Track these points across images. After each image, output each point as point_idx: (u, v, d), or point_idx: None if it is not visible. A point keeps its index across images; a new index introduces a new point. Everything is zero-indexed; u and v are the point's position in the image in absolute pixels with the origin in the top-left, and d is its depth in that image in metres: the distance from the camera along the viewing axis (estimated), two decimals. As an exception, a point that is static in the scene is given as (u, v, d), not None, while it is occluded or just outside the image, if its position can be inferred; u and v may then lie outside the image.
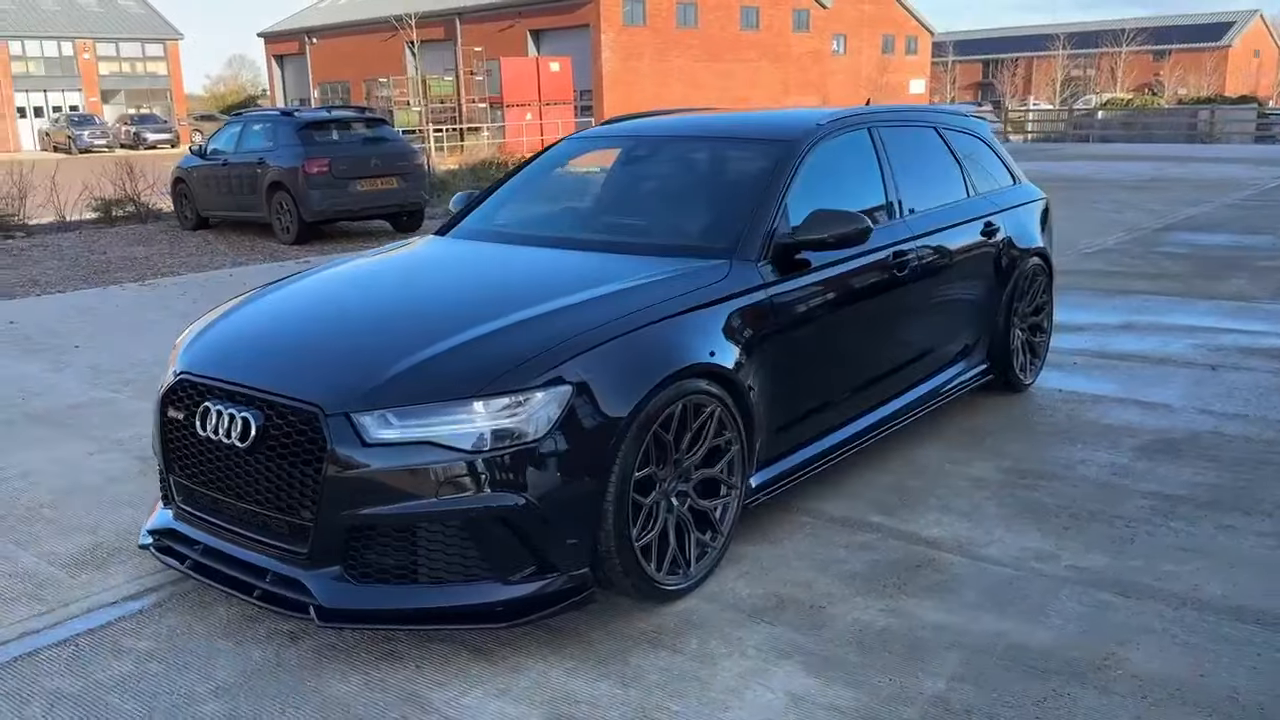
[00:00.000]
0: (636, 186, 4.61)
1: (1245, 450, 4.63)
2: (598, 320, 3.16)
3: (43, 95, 53.86)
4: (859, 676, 2.88)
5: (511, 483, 2.86)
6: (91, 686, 2.86)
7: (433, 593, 2.91)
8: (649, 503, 3.17)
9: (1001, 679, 2.86)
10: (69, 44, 54.50)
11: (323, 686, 2.86)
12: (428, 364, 2.98)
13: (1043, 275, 5.60)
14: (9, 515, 4.06)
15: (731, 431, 3.44)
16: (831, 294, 4.00)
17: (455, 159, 25.50)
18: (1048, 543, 3.72)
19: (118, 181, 15.67)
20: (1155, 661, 2.94)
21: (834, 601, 3.31)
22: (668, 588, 3.25)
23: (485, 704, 2.77)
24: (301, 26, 54.26)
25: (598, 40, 40.33)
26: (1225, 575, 3.45)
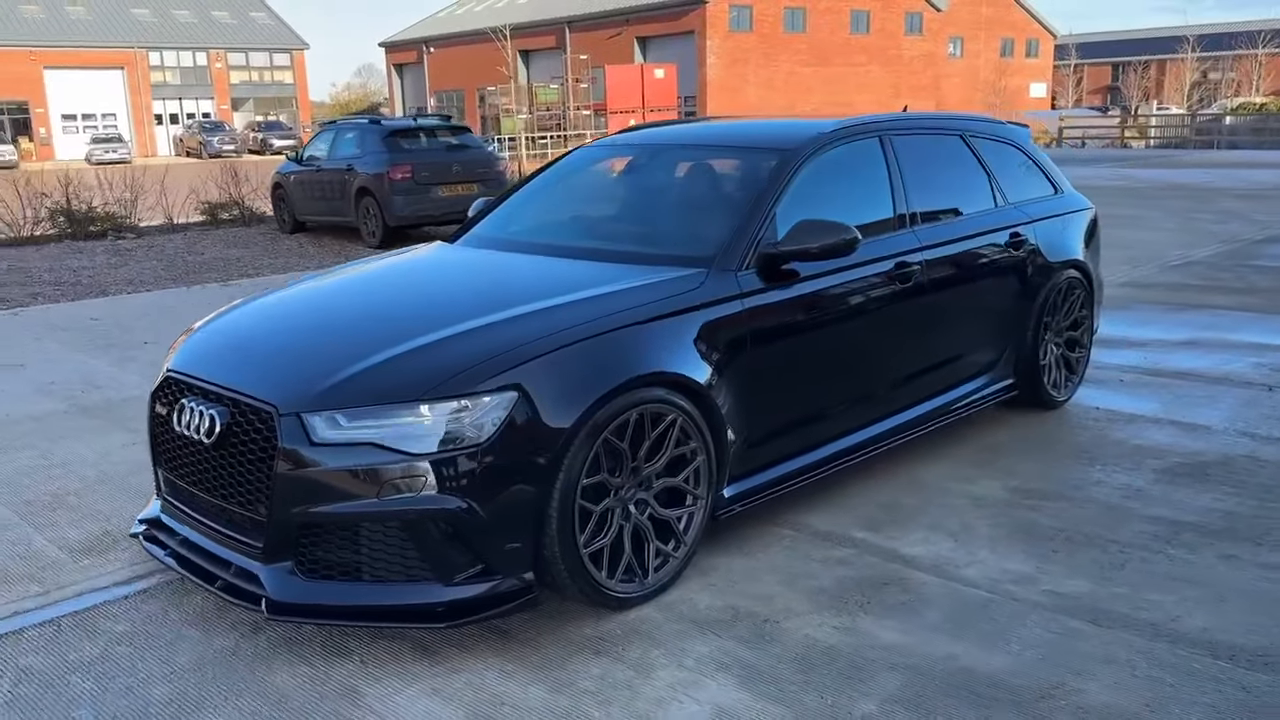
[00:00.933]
0: (635, 195, 4.63)
1: (1277, 477, 4.38)
2: (553, 328, 3.20)
3: (178, 103, 56.78)
4: (791, 693, 2.85)
5: (453, 486, 2.92)
6: (59, 665, 3.04)
7: (376, 591, 2.99)
8: (600, 509, 3.19)
9: (937, 704, 2.79)
10: (203, 54, 57.31)
11: (270, 676, 2.97)
12: (379, 367, 3.07)
13: (1081, 289, 5.40)
14: (36, 501, 4.32)
15: (696, 441, 3.44)
16: (819, 306, 3.96)
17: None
18: (1030, 566, 3.60)
19: (223, 186, 16.42)
20: (1106, 694, 2.82)
21: (790, 616, 3.28)
22: (620, 595, 3.26)
23: (415, 702, 2.83)
24: (419, 36, 55.87)
25: (702, 46, 40.37)
26: (1212, 607, 3.29)
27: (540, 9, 49.45)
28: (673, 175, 4.55)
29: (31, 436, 5.20)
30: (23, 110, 52.53)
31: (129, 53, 55.02)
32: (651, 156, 4.73)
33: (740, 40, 41.41)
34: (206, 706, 2.82)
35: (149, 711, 2.80)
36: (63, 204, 14.84)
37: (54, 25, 53.87)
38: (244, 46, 58.71)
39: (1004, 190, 5.11)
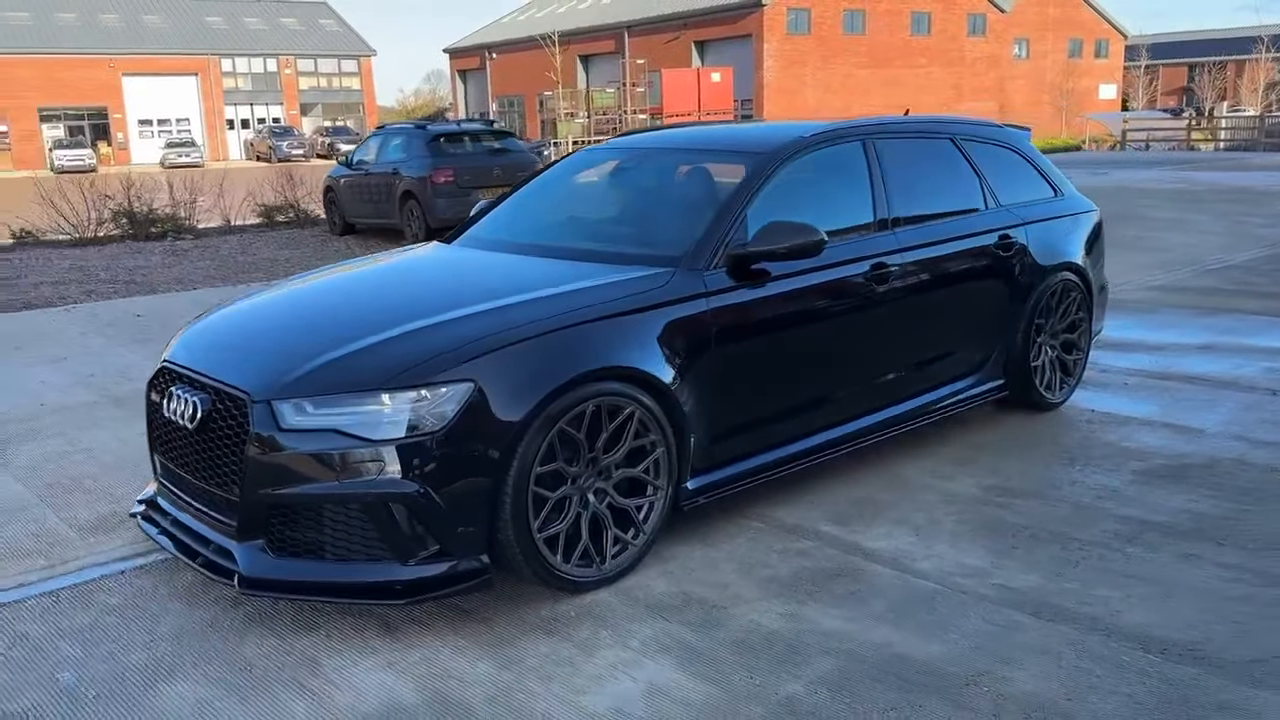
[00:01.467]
0: (618, 197, 4.79)
1: (1260, 480, 4.38)
2: (510, 323, 3.37)
3: (249, 108, 58.29)
4: (723, 674, 2.97)
5: (409, 471, 3.10)
6: (52, 632, 3.28)
7: (339, 569, 3.18)
8: (556, 496, 3.35)
9: (861, 687, 2.89)
10: (273, 60, 58.76)
11: (240, 647, 3.18)
12: (346, 358, 3.26)
13: (1077, 292, 5.41)
14: (57, 484, 4.61)
15: (656, 434, 3.57)
16: (789, 306, 4.06)
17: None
18: (987, 561, 3.67)
19: (278, 189, 16.94)
20: (1030, 682, 2.90)
21: (739, 603, 3.40)
22: (575, 579, 3.41)
23: (369, 674, 3.01)
24: (482, 43, 56.65)
25: (759, 49, 40.36)
26: (1157, 603, 3.33)
27: (600, 14, 49.84)
28: (655, 178, 4.70)
29: (63, 425, 5.52)
30: (102, 116, 54.37)
31: (202, 59, 56.65)
32: (639, 160, 4.88)
33: (798, 43, 41.30)
34: (177, 673, 3.03)
35: (125, 675, 3.02)
36: (125, 206, 15.45)
37: (131, 33, 55.68)
38: (312, 53, 60.06)
39: (996, 193, 5.16)
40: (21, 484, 4.61)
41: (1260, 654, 3.02)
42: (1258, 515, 4.02)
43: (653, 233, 4.25)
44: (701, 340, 3.75)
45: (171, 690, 2.94)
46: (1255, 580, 3.48)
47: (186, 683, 2.98)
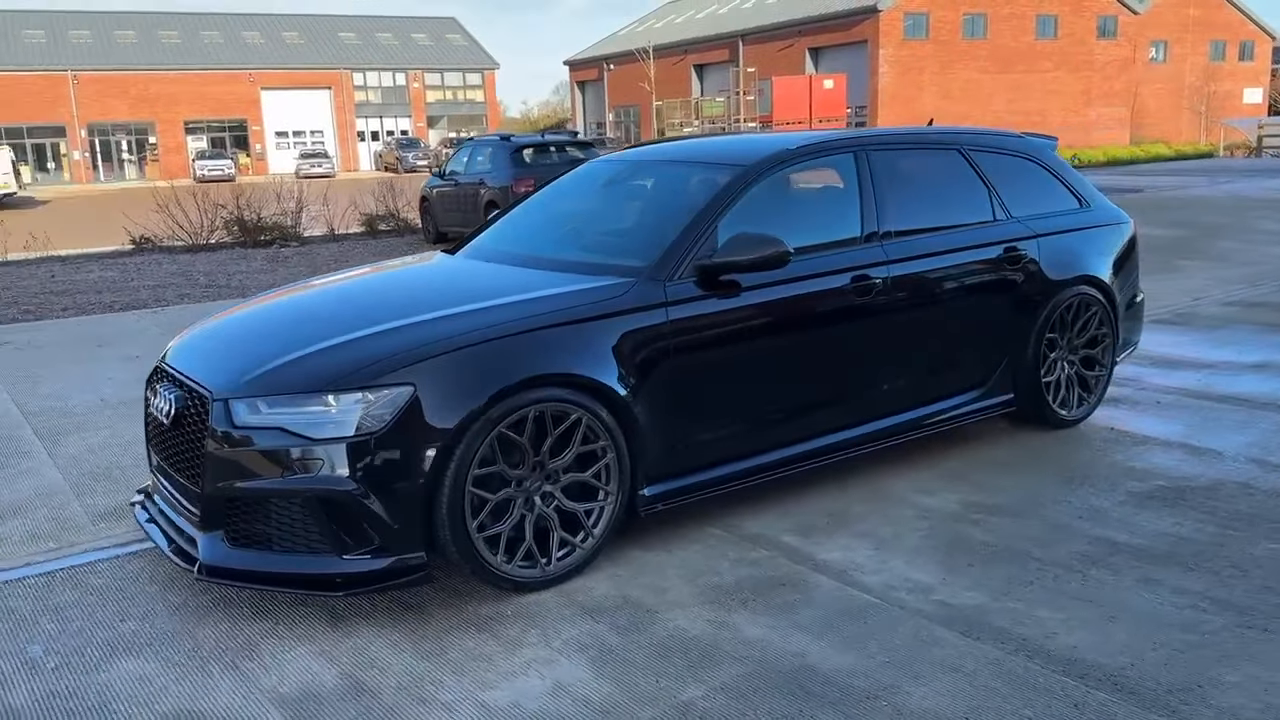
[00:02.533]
0: (606, 208, 4.89)
1: (1260, 505, 4.19)
2: (454, 331, 3.51)
3: (379, 120, 60.52)
4: (630, 676, 3.04)
5: (347, 469, 3.28)
6: (36, 609, 3.57)
7: (285, 560, 3.37)
8: (497, 498, 3.47)
9: (761, 695, 2.92)
10: (402, 75, 60.87)
11: (196, 629, 3.41)
12: (297, 361, 3.46)
13: (1098, 306, 5.24)
14: (90, 474, 4.97)
15: (605, 440, 3.66)
16: (757, 317, 4.09)
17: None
18: (937, 577, 3.63)
19: (380, 199, 17.61)
20: (932, 699, 2.88)
21: (672, 608, 3.45)
22: (517, 579, 3.53)
23: (299, 660, 3.19)
24: (600, 54, 57.44)
25: (875, 55, 39.78)
26: (1096, 627, 3.25)
27: (716, 24, 49.93)
28: (643, 189, 4.78)
29: (113, 418, 5.93)
30: (242, 128, 57.31)
31: (336, 73, 59.10)
32: (635, 172, 4.98)
33: (915, 48, 40.53)
34: (132, 650, 3.27)
35: (85, 650, 3.28)
36: (236, 214, 16.32)
37: (271, 49, 58.53)
38: (439, 67, 61.98)
39: (1006, 204, 5.06)
40: (60, 473, 4.99)
41: (1184, 683, 2.92)
42: (1240, 541, 3.85)
43: (629, 243, 4.34)
44: (659, 350, 3.82)
45: (122, 664, 3.18)
46: (1208, 607, 3.35)
47: (137, 659, 3.21)
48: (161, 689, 3.03)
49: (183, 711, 2.92)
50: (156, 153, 55.38)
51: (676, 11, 58.80)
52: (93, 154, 54.44)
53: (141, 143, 55.74)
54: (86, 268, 13.82)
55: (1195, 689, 2.89)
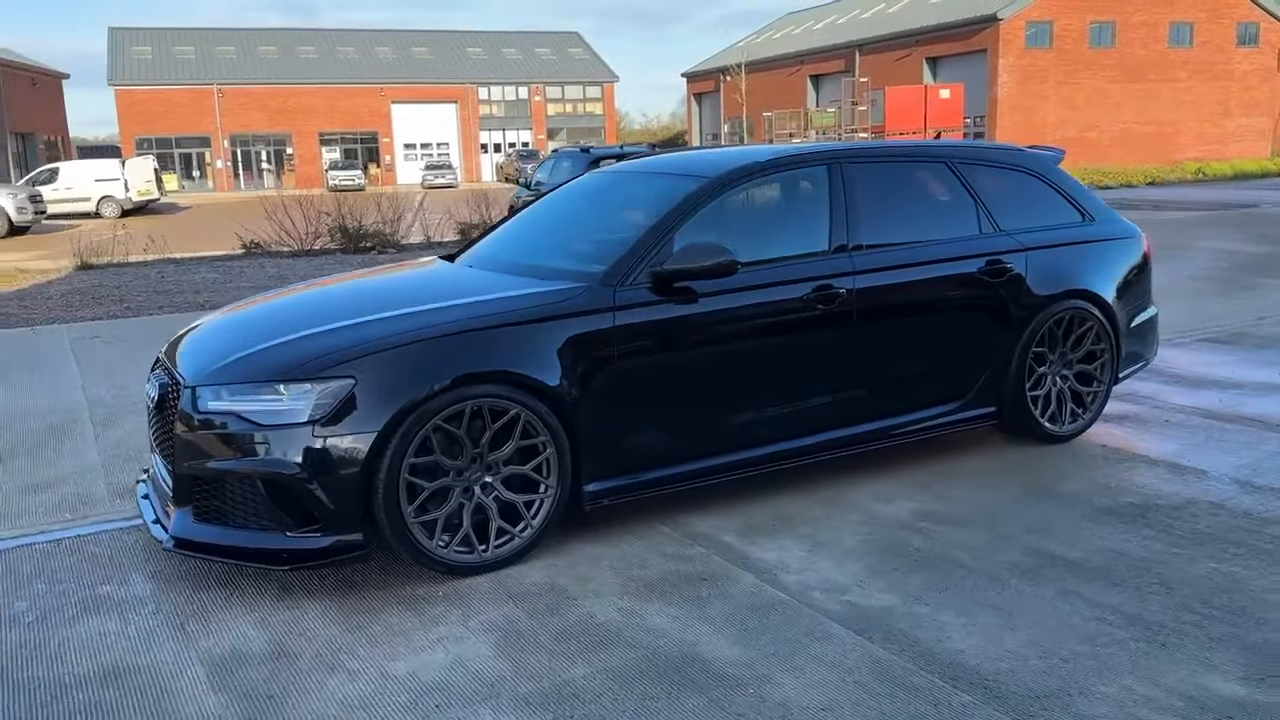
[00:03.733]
0: (585, 217, 5.08)
1: (1219, 526, 4.11)
2: (403, 329, 3.79)
3: (501, 133, 62.14)
4: (525, 655, 3.24)
5: (292, 454, 3.57)
6: (35, 572, 3.99)
7: (240, 535, 3.69)
8: (433, 486, 3.72)
9: (640, 679, 3.08)
10: (525, 88, 62.36)
11: (160, 595, 3.76)
12: (256, 354, 3.79)
13: (1094, 320, 5.17)
14: (122, 457, 5.43)
15: (545, 436, 3.87)
16: (710, 323, 4.23)
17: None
18: (855, 580, 3.72)
19: (474, 208, 18.23)
20: (797, 691, 2.99)
21: (591, 596, 3.64)
22: (452, 562, 3.77)
23: (238, 626, 3.49)
24: (716, 66, 57.66)
25: (994, 65, 38.85)
26: (991, 634, 3.29)
27: (833, 34, 49.58)
28: (622, 199, 4.97)
29: (163, 408, 6.43)
30: (372, 140, 59.66)
31: (462, 88, 60.97)
32: (618, 183, 5.17)
33: (1037, 58, 39.40)
34: (101, 610, 3.64)
35: (63, 608, 3.66)
36: (339, 223, 17.16)
37: (402, 64, 60.79)
38: (560, 80, 63.25)
39: (995, 217, 5.06)
40: (99, 454, 5.48)
41: (1055, 691, 2.95)
42: (1182, 559, 3.80)
43: (594, 250, 4.53)
44: (605, 353, 4.01)
45: (88, 622, 3.55)
46: (1116, 621, 3.35)
47: (101, 618, 3.57)
48: (111, 644, 3.38)
49: (120, 664, 3.25)
50: (293, 163, 58.09)
51: (796, 23, 58.63)
52: (234, 163, 57.50)
53: (279, 153, 58.57)
54: (196, 270, 14.76)
55: (1063, 697, 2.92)
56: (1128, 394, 6.08)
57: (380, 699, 3.01)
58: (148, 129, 55.10)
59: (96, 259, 15.70)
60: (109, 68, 55.42)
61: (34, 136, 47.47)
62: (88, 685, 3.13)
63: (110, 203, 33.38)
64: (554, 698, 2.99)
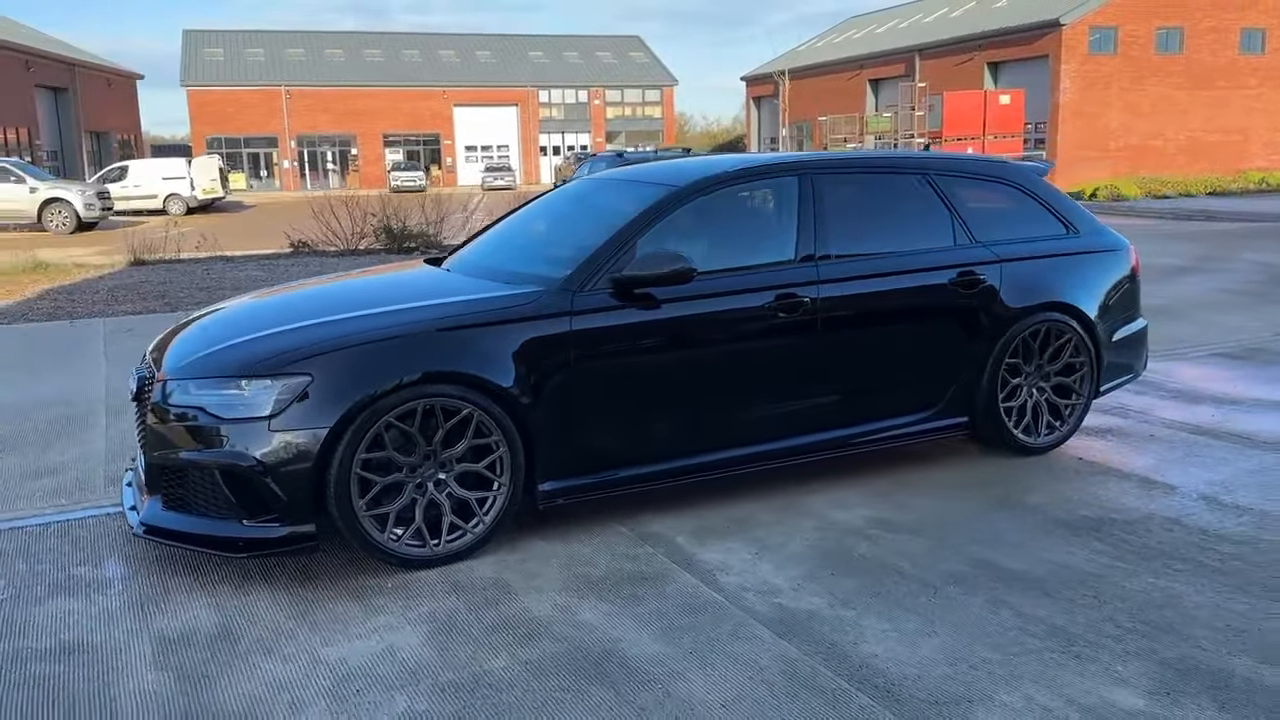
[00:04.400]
0: (560, 223, 5.20)
1: (1171, 541, 4.10)
2: (361, 329, 3.95)
3: (560, 136, 62.62)
4: (454, 646, 3.37)
5: (250, 446, 3.75)
6: (18, 552, 4.22)
7: (201, 523, 3.88)
8: (385, 481, 3.87)
9: (556, 671, 3.19)
10: (584, 92, 62.79)
11: (129, 578, 3.95)
12: (223, 350, 3.98)
13: (1072, 333, 5.16)
14: (127, 446, 5.67)
15: (497, 436, 4.00)
16: (668, 329, 4.33)
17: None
18: (791, 583, 3.78)
19: (517, 211, 18.46)
20: (704, 687, 3.07)
21: (532, 593, 3.76)
22: (402, 555, 3.91)
23: (194, 609, 3.67)
24: (776, 70, 57.47)
25: (1056, 71, 38.16)
26: (909, 639, 3.34)
27: (895, 38, 49.11)
28: (596, 207, 5.08)
29: (175, 401, 6.70)
30: (434, 142, 60.53)
31: (523, 91, 61.57)
32: (597, 190, 5.28)
33: (1101, 63, 38.61)
34: (71, 591, 3.84)
35: (36, 588, 3.87)
36: (384, 223, 17.52)
37: (465, 68, 61.60)
38: (620, 84, 63.57)
39: (972, 229, 5.08)
40: (106, 443, 5.74)
41: (956, 697, 3.00)
42: (1123, 573, 3.81)
43: (562, 256, 4.63)
44: (561, 356, 4.13)
45: (56, 601, 3.76)
46: (1038, 631, 3.38)
47: (70, 598, 3.78)
48: (72, 623, 3.58)
49: (77, 641, 3.45)
50: (357, 164, 59.18)
51: (858, 27, 58.18)
52: (300, 164, 58.74)
53: (344, 154, 59.70)
54: (243, 267, 15.19)
55: (961, 704, 2.97)
56: (1118, 407, 6.04)
57: (306, 682, 3.16)
58: (218, 129, 56.57)
59: (149, 255, 16.25)
60: (182, 69, 57.02)
61: (108, 135, 49.00)
62: (43, 659, 3.33)
63: (176, 200, 34.31)
64: (468, 687, 3.11)
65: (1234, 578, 3.75)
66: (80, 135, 44.59)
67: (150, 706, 3.03)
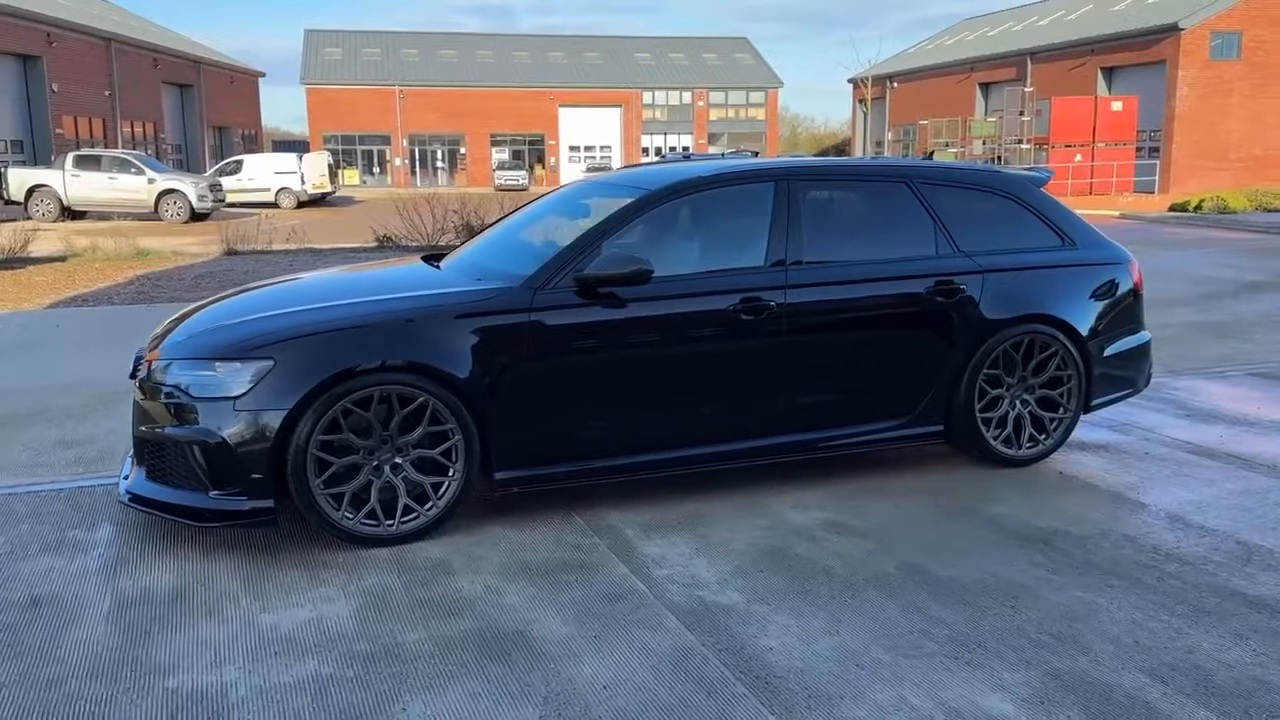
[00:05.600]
0: (547, 226, 5.37)
1: (1115, 558, 4.06)
2: (321, 318, 4.21)
3: (663, 138, 62.94)
4: (377, 619, 3.58)
5: (217, 423, 4.04)
6: (28, 514, 4.60)
7: (176, 494, 4.18)
8: (341, 462, 4.11)
9: (462, 647, 3.37)
10: (688, 93, 62.96)
11: (114, 542, 4.28)
12: (203, 334, 4.29)
13: (1058, 346, 5.10)
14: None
15: (452, 424, 4.21)
16: (627, 327, 4.47)
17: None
18: (720, 578, 3.88)
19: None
20: (593, 669, 3.21)
21: (470, 574, 3.94)
22: (356, 533, 4.15)
23: (159, 572, 3.97)
24: (885, 72, 56.67)
25: (1173, 77, 36.71)
26: (811, 637, 3.42)
27: (1005, 41, 47.95)
28: (579, 209, 5.24)
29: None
30: (539, 142, 61.54)
31: (628, 92, 62.09)
32: (584, 194, 5.44)
33: (1222, 70, 36.97)
34: (59, 550, 4.19)
35: (30, 546, 4.23)
36: (464, 219, 18.01)
37: (572, 69, 62.45)
38: (724, 85, 63.56)
39: (955, 238, 5.07)
40: (111, 425, 6.09)
41: (830, 693, 3.07)
42: (1053, 586, 3.80)
43: (536, 255, 4.81)
44: (518, 350, 4.31)
45: (44, 559, 4.10)
46: (941, 636, 3.41)
47: (56, 557, 4.13)
48: (49, 579, 3.92)
49: (48, 594, 3.78)
50: (465, 162, 60.59)
51: (971, 29, 56.95)
52: (411, 161, 60.42)
53: (453, 152, 61.18)
54: (328, 259, 15.84)
55: (834, 700, 3.04)
56: (1124, 423, 5.93)
57: (233, 642, 3.42)
58: (335, 126, 58.60)
59: (242, 246, 17.08)
60: (302, 67, 59.24)
61: (230, 130, 51.30)
62: (10, 610, 3.66)
63: (287, 194, 35.74)
64: (377, 657, 3.32)
65: (1165, 596, 3.70)
66: (203, 130, 46.80)
67: (88, 657, 3.32)
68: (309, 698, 3.07)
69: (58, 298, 11.68)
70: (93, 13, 39.74)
